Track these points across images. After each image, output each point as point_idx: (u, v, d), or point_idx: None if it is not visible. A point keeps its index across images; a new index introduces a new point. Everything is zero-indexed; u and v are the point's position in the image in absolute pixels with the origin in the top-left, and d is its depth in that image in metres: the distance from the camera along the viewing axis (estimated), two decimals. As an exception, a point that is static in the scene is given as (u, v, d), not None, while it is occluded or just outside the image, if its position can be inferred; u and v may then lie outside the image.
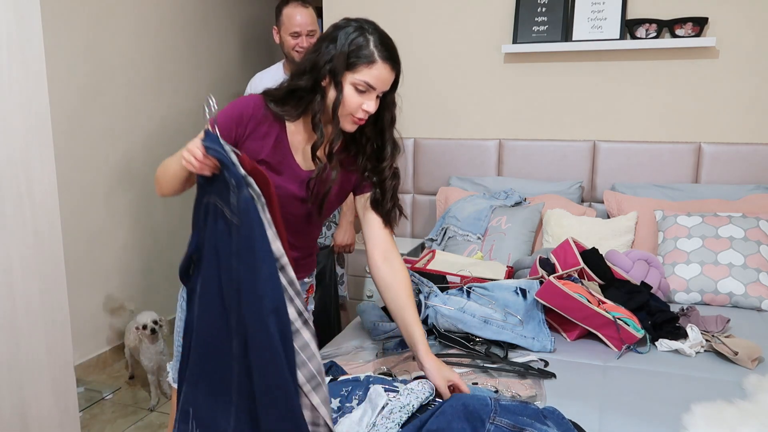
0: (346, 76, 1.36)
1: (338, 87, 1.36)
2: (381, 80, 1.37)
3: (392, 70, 1.39)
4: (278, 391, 1.14)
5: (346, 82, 1.36)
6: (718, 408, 1.36)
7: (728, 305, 2.19)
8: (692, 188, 2.63)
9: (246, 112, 1.41)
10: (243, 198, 1.16)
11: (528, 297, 1.87)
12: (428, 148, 3.10)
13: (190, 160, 1.22)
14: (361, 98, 1.37)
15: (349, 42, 1.35)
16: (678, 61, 2.69)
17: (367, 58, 1.35)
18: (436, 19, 3.02)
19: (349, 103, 1.37)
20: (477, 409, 1.15)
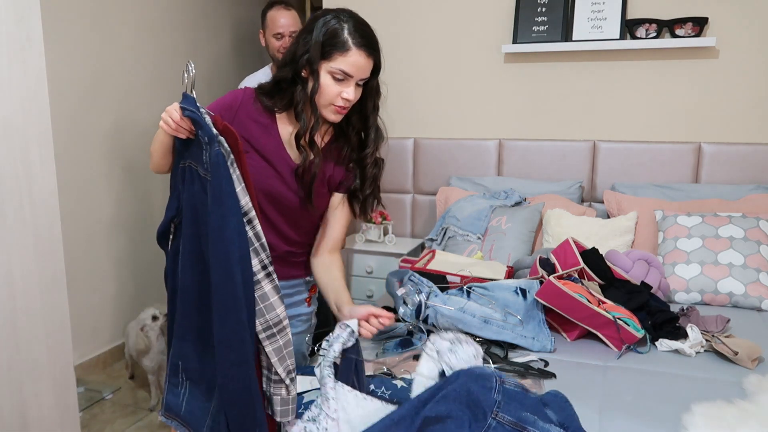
0: (322, 65, 1.38)
1: (315, 76, 1.38)
2: (357, 67, 1.38)
3: (368, 57, 1.40)
4: (235, 336, 1.21)
5: (323, 71, 1.38)
6: (718, 408, 1.36)
7: (728, 305, 2.19)
8: (692, 188, 2.63)
9: (236, 102, 1.46)
10: (213, 153, 1.22)
11: (528, 297, 1.86)
12: (428, 148, 3.10)
13: (168, 122, 1.26)
14: (339, 86, 1.39)
15: (324, 31, 1.37)
16: (678, 61, 2.69)
17: (341, 46, 1.36)
18: (436, 19, 3.02)
19: (327, 92, 1.39)
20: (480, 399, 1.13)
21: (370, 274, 2.98)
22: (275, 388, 1.30)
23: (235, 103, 1.46)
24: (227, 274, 1.21)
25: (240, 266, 1.22)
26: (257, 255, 1.27)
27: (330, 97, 1.39)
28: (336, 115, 1.44)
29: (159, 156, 1.41)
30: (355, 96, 1.42)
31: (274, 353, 1.29)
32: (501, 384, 1.16)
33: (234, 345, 1.22)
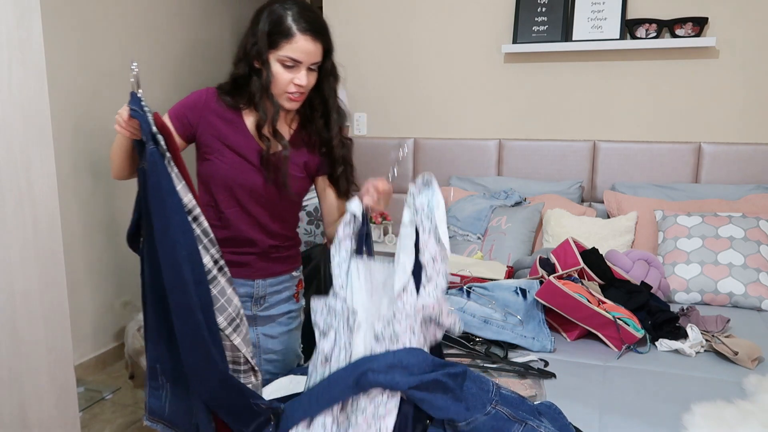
0: (271, 55, 1.40)
1: (267, 66, 1.40)
2: (305, 53, 1.39)
3: (315, 41, 1.40)
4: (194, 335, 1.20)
5: (273, 60, 1.40)
6: (718, 408, 1.36)
7: (728, 305, 2.19)
8: (692, 188, 2.63)
9: (200, 101, 1.47)
10: (148, 152, 1.21)
11: (528, 297, 1.86)
12: (428, 148, 3.10)
13: (120, 123, 1.26)
14: (290, 74, 1.40)
15: (268, 21, 1.39)
16: (678, 61, 2.69)
17: (286, 33, 1.38)
18: (437, 19, 3.02)
19: (279, 80, 1.40)
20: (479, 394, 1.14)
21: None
22: (247, 377, 1.31)
23: (199, 102, 1.48)
24: (177, 274, 1.20)
25: (189, 265, 1.21)
26: (207, 251, 1.26)
27: (283, 85, 1.41)
28: (292, 103, 1.45)
29: (119, 160, 1.40)
30: (308, 81, 1.43)
31: (243, 343, 1.29)
32: (497, 388, 1.17)
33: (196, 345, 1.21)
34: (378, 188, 1.34)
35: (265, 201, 1.51)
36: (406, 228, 1.13)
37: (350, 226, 1.27)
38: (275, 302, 1.61)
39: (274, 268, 1.59)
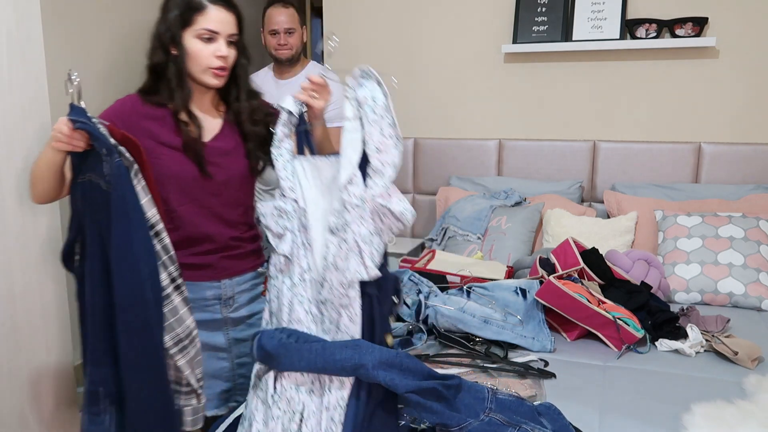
0: (185, 34, 1.41)
1: (182, 48, 1.41)
2: (220, 22, 1.41)
3: (228, 11, 1.43)
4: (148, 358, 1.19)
5: (189, 38, 1.41)
6: (718, 408, 1.36)
7: (728, 305, 2.19)
8: (692, 188, 2.63)
9: (125, 108, 1.46)
10: (114, 165, 1.18)
11: (528, 297, 1.86)
12: (428, 148, 3.10)
13: (59, 137, 1.22)
14: (209, 46, 1.42)
15: (178, 3, 1.41)
16: (678, 61, 2.69)
17: (198, 7, 1.40)
18: (437, 20, 3.02)
19: (199, 55, 1.42)
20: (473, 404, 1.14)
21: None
22: (186, 400, 1.29)
23: (124, 109, 1.47)
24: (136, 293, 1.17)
25: (150, 283, 1.18)
26: (165, 269, 1.23)
27: (204, 60, 1.42)
28: (217, 79, 1.45)
29: (49, 181, 1.34)
30: (229, 52, 1.44)
31: (187, 365, 1.27)
32: (493, 395, 1.18)
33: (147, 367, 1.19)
34: (312, 80, 1.35)
35: (216, 188, 1.49)
36: (350, 122, 1.12)
37: (288, 125, 1.25)
38: (244, 302, 1.60)
39: (239, 266, 1.58)
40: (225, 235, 1.54)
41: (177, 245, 1.42)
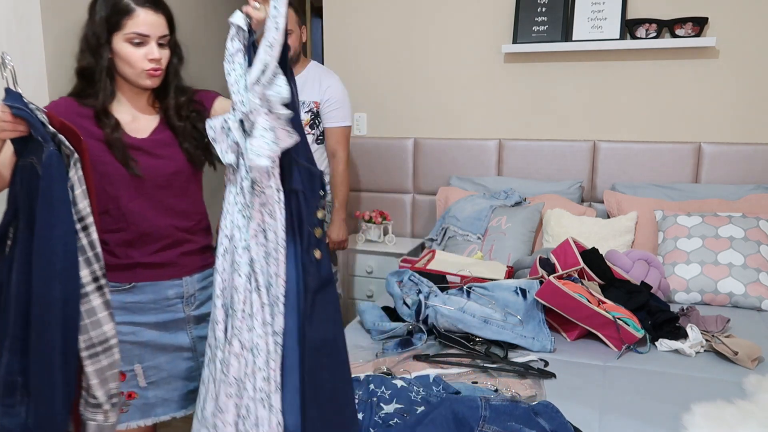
0: (116, 38, 1.40)
1: (113, 50, 1.41)
2: (149, 25, 1.41)
3: (156, 13, 1.42)
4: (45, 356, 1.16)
5: (119, 42, 1.40)
6: (718, 408, 1.36)
7: (728, 305, 2.19)
8: (692, 188, 2.63)
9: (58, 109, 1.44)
10: (47, 153, 1.16)
11: (528, 297, 1.87)
12: (428, 148, 3.10)
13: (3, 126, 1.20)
14: (141, 50, 1.41)
15: (105, 6, 1.40)
16: (678, 61, 2.69)
17: (126, 11, 1.39)
18: (436, 20, 3.02)
19: (132, 59, 1.41)
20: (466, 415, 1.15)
21: (370, 274, 2.98)
22: (92, 413, 1.25)
23: (58, 109, 1.44)
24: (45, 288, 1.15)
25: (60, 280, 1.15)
26: (89, 266, 1.20)
27: (138, 63, 1.42)
28: (152, 80, 1.46)
29: None
30: (161, 54, 1.44)
31: (95, 374, 1.23)
32: (487, 402, 1.18)
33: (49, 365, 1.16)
34: None
35: (161, 179, 1.50)
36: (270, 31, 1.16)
37: (237, 39, 1.26)
38: (204, 299, 1.60)
39: (197, 262, 1.59)
40: (179, 227, 1.54)
41: (133, 244, 1.44)
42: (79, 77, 1.46)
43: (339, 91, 2.58)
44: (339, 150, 2.59)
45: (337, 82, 2.59)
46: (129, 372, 1.52)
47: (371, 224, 3.05)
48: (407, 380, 1.44)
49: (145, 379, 1.54)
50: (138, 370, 1.52)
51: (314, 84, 2.57)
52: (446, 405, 1.21)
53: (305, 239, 1.19)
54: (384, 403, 1.34)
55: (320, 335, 1.19)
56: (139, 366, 1.52)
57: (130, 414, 1.54)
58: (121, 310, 1.49)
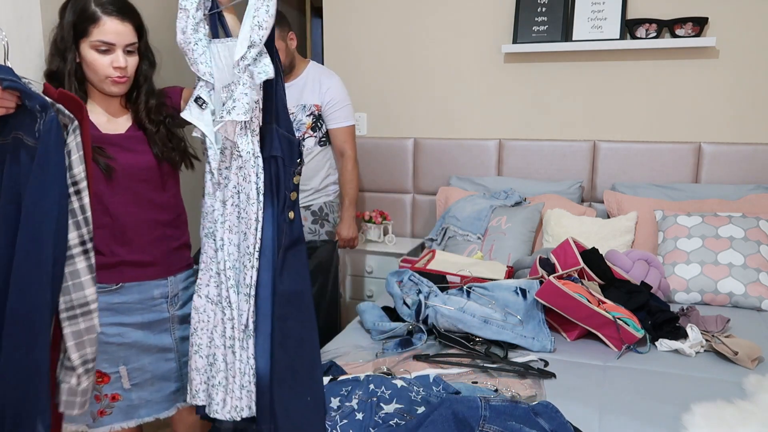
0: (82, 44, 1.42)
1: (80, 57, 1.43)
2: (116, 34, 1.42)
3: (123, 21, 1.43)
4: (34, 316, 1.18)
5: (86, 49, 1.42)
6: (718, 408, 1.36)
7: (728, 305, 2.19)
8: (692, 188, 2.63)
9: None
10: (48, 119, 1.18)
11: (528, 297, 1.87)
12: (428, 148, 3.10)
13: None
14: (106, 57, 1.43)
15: (73, 11, 1.42)
16: (678, 61, 2.69)
17: (92, 19, 1.41)
18: (436, 19, 3.02)
19: (97, 66, 1.43)
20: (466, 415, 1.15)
21: (370, 274, 2.98)
22: (65, 375, 1.26)
23: None
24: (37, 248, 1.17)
25: (53, 241, 1.18)
26: (77, 229, 1.22)
27: (102, 70, 1.43)
28: (117, 86, 1.47)
29: None
30: (127, 62, 1.45)
31: (72, 336, 1.24)
32: (486, 402, 1.18)
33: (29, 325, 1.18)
34: None
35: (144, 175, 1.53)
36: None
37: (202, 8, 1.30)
38: (187, 299, 1.63)
39: (182, 261, 1.63)
40: (160, 220, 1.57)
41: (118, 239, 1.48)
42: (48, 80, 1.48)
43: (339, 91, 2.58)
44: (347, 149, 2.60)
45: (337, 82, 2.59)
46: (114, 374, 1.53)
47: (371, 224, 3.05)
48: (407, 380, 1.44)
49: (130, 380, 1.55)
50: (123, 372, 1.54)
51: (314, 87, 2.57)
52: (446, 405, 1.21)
53: (281, 201, 1.30)
54: (384, 403, 1.34)
55: (290, 288, 1.31)
56: (124, 368, 1.54)
57: (114, 416, 1.55)
58: (108, 311, 1.50)
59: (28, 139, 1.22)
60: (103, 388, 1.53)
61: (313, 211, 2.65)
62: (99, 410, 1.54)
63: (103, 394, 1.53)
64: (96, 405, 1.53)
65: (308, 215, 2.65)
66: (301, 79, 2.59)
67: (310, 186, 2.61)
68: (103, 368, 1.52)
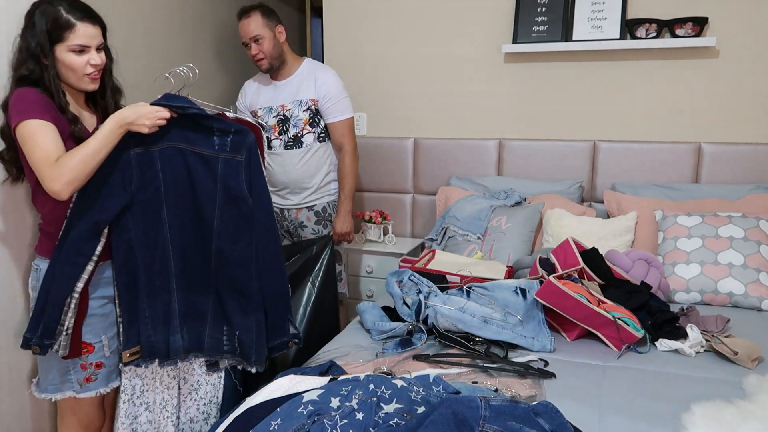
0: (58, 49, 1.57)
1: (55, 61, 1.57)
2: (90, 37, 1.60)
3: (94, 25, 1.61)
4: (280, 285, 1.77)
5: (63, 53, 1.57)
6: (718, 408, 1.36)
7: (728, 305, 2.19)
8: (692, 188, 2.63)
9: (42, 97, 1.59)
10: (251, 138, 1.68)
11: (528, 297, 1.86)
12: (428, 148, 3.10)
13: (159, 123, 1.59)
14: (83, 57, 1.60)
15: (44, 20, 1.55)
16: (678, 61, 2.69)
17: (67, 26, 1.56)
18: (437, 19, 3.02)
19: (76, 66, 1.59)
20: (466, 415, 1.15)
21: (370, 274, 2.98)
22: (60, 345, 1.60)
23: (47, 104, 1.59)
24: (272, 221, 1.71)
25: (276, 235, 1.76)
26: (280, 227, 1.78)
27: (80, 69, 1.60)
28: (94, 83, 1.65)
29: (95, 168, 1.53)
30: (101, 59, 1.64)
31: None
32: (486, 402, 1.18)
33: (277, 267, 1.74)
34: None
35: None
36: None
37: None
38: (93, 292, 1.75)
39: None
40: None
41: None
42: (20, 84, 1.58)
43: (335, 84, 2.58)
44: (345, 143, 2.59)
45: (332, 75, 2.59)
46: (97, 343, 1.67)
47: (371, 224, 3.05)
48: (407, 380, 1.44)
49: (108, 348, 1.69)
50: (105, 341, 1.68)
51: (309, 81, 2.57)
52: (446, 405, 1.21)
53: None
54: (384, 403, 1.34)
55: None
56: (105, 337, 1.68)
57: (98, 382, 1.70)
58: (95, 286, 1.65)
59: (199, 149, 1.65)
60: (89, 358, 1.65)
61: (316, 212, 2.65)
62: (85, 377, 1.66)
63: (88, 363, 1.66)
64: (82, 373, 1.66)
65: (311, 215, 2.65)
66: (296, 76, 2.59)
67: (311, 184, 2.61)
68: (88, 339, 1.64)
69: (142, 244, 1.66)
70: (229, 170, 1.65)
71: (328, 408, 1.35)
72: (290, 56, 2.61)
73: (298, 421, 1.26)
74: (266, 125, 2.62)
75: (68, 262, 1.57)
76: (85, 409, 1.71)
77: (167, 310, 1.70)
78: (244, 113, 2.72)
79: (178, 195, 1.67)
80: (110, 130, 1.53)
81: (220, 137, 1.64)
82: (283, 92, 2.60)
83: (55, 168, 1.47)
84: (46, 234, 1.66)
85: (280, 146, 2.60)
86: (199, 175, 1.66)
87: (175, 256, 1.69)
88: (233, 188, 1.66)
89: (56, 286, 1.56)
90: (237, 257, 1.69)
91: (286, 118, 2.58)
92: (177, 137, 1.65)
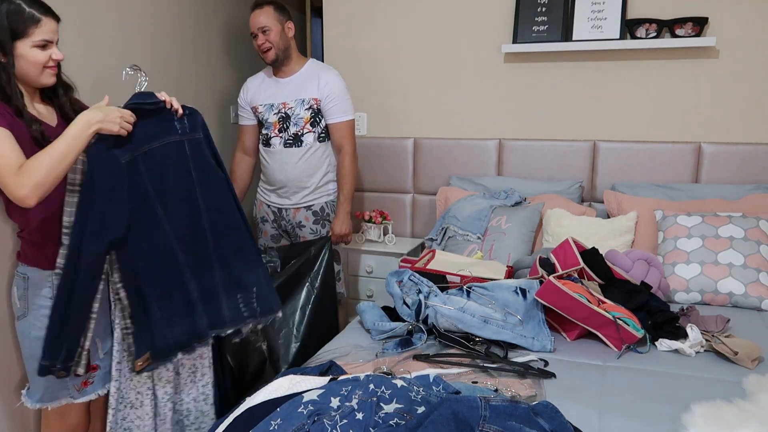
0: (19, 44, 1.54)
1: (17, 56, 1.54)
2: (53, 31, 1.60)
3: (54, 20, 1.60)
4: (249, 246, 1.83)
5: (25, 48, 1.55)
6: (718, 408, 1.36)
7: (728, 305, 2.19)
8: (692, 188, 2.63)
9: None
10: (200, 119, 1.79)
11: (528, 297, 1.86)
12: (428, 148, 3.10)
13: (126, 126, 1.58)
14: (45, 52, 1.59)
15: (6, 16, 1.52)
16: (678, 61, 2.69)
17: (32, 21, 1.54)
18: (437, 19, 3.02)
19: (39, 60, 1.58)
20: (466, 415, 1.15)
21: (370, 274, 2.98)
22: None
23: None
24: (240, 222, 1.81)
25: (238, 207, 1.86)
26: None
27: (43, 63, 1.59)
28: (53, 77, 1.64)
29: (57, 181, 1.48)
30: (62, 54, 1.64)
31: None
32: (486, 402, 1.18)
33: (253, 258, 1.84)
34: None
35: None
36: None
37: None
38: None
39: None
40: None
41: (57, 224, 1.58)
42: None
43: (338, 85, 2.58)
44: (345, 144, 2.60)
45: (336, 76, 2.60)
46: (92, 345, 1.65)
47: (371, 224, 3.04)
48: (407, 380, 1.44)
49: (102, 350, 1.71)
50: (98, 344, 1.69)
51: (312, 81, 2.57)
52: (446, 405, 1.21)
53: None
54: (384, 403, 1.34)
55: None
56: (98, 339, 1.69)
57: (95, 384, 1.71)
58: None
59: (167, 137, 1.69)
60: None
61: (314, 212, 2.65)
62: (82, 382, 1.67)
63: None
64: (79, 378, 1.65)
65: (310, 215, 2.65)
66: (299, 74, 2.59)
67: (309, 183, 2.61)
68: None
69: (143, 249, 1.63)
70: (195, 149, 1.74)
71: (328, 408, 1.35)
72: (296, 54, 2.62)
73: (298, 421, 1.26)
74: (266, 122, 2.63)
75: (86, 287, 1.54)
76: (76, 413, 1.71)
77: (188, 300, 1.69)
78: (245, 109, 2.73)
79: (166, 189, 1.68)
80: (79, 131, 1.49)
81: (179, 121, 1.72)
82: (285, 89, 2.61)
83: (19, 175, 1.42)
84: (29, 242, 1.62)
85: (280, 144, 2.60)
86: (177, 164, 1.71)
87: (182, 248, 1.69)
88: (203, 165, 1.75)
89: (76, 311, 1.53)
90: (228, 223, 1.78)
91: (287, 115, 2.58)
92: (151, 135, 1.67)
